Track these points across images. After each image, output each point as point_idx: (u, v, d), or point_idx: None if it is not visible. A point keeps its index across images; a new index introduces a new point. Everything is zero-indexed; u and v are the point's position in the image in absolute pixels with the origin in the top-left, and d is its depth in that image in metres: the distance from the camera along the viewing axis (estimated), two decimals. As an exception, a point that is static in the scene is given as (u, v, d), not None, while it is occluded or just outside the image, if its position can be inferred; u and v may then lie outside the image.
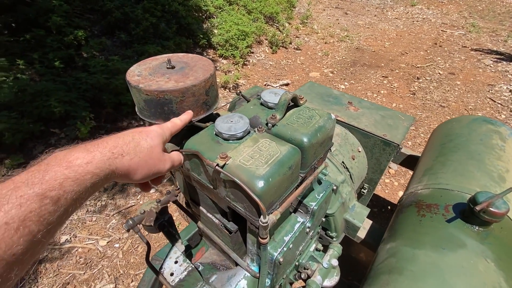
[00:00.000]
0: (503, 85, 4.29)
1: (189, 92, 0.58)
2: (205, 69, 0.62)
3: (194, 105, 0.60)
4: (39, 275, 1.70)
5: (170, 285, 0.63)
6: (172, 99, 0.57)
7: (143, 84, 0.56)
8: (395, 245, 0.85)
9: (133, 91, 0.58)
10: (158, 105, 0.57)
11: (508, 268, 0.73)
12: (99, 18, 3.81)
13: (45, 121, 2.48)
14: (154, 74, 0.60)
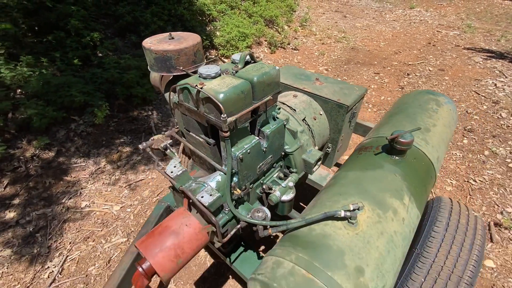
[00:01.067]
0: (489, 79, 4.51)
1: (182, 52, 0.89)
2: (194, 40, 0.94)
3: (186, 61, 0.91)
4: (64, 231, 2.02)
5: (169, 176, 0.94)
6: (171, 57, 0.88)
7: (154, 47, 0.88)
8: (336, 173, 1.14)
9: (147, 52, 0.90)
10: (162, 61, 0.89)
11: (411, 181, 1.01)
12: (112, 21, 4.21)
13: (67, 109, 2.84)
14: (160, 42, 0.92)
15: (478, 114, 3.54)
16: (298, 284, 0.70)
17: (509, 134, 3.14)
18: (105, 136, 2.86)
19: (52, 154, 2.55)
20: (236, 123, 0.81)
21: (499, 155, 2.82)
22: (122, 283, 1.15)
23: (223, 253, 1.25)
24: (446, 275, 0.99)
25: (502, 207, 2.24)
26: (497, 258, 1.87)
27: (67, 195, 2.26)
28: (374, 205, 0.89)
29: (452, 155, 2.84)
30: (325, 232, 0.81)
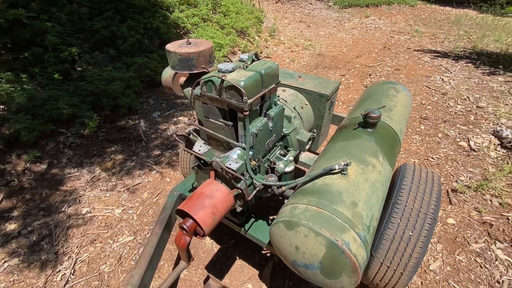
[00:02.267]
0: (437, 75, 5.21)
1: (201, 54, 1.12)
2: (208, 44, 1.17)
3: (203, 61, 1.14)
4: (69, 237, 2.07)
5: (197, 153, 1.13)
6: (193, 57, 1.11)
7: (178, 50, 1.10)
8: (326, 146, 1.42)
9: (171, 55, 1.11)
10: (185, 61, 1.11)
11: (382, 145, 1.31)
12: (88, 36, 4.25)
13: (54, 122, 2.86)
14: (181, 46, 1.14)
15: (430, 105, 4.11)
16: (313, 216, 0.94)
17: (457, 119, 3.71)
18: (96, 146, 2.92)
19: (44, 167, 2.56)
20: (251, 105, 1.05)
21: (450, 136, 3.34)
22: (152, 259, 1.31)
23: (237, 224, 1.45)
24: (415, 214, 1.29)
25: (457, 177, 2.68)
26: (456, 216, 2.26)
27: (66, 204, 2.30)
28: (358, 162, 1.17)
29: (413, 139, 3.30)
30: (325, 182, 1.07)
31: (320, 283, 1.02)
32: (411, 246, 1.25)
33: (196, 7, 6.11)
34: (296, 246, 0.97)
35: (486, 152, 3.00)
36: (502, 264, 1.88)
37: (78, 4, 4.20)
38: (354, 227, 0.93)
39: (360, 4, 12.23)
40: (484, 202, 2.38)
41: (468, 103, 4.13)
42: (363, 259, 0.92)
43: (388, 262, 1.31)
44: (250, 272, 1.87)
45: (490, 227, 2.15)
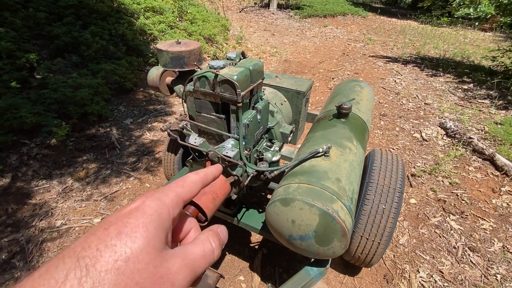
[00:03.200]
0: (390, 78, 5.81)
1: (192, 52, 1.20)
2: (197, 44, 1.25)
3: (194, 59, 1.22)
4: (44, 252, 1.94)
5: (194, 145, 1.20)
6: (184, 55, 1.18)
7: (170, 49, 1.16)
8: (307, 136, 1.57)
9: (163, 53, 1.18)
10: (177, 59, 1.18)
11: (355, 132, 1.50)
12: (47, 42, 4.01)
13: (15, 132, 2.65)
14: (171, 46, 1.21)
15: (387, 103, 4.58)
16: (305, 191, 1.06)
17: (410, 115, 4.19)
18: (65, 156, 2.76)
19: (7, 180, 2.36)
20: (243, 98, 1.15)
21: (405, 129, 3.76)
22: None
23: (230, 214, 1.52)
24: (386, 189, 1.49)
25: (414, 163, 3.04)
26: (416, 196, 2.57)
27: (36, 217, 2.15)
28: (337, 146, 1.33)
29: (375, 133, 3.66)
30: (312, 164, 1.21)
31: (313, 253, 1.14)
32: (385, 217, 1.44)
33: (162, 14, 6.07)
34: (293, 220, 1.08)
35: (436, 141, 3.44)
36: (456, 233, 2.19)
37: (33, 8, 3.95)
38: (340, 198, 1.07)
39: (318, 14, 13.10)
40: (437, 183, 2.74)
41: (417, 100, 4.68)
42: (350, 224, 1.06)
43: (367, 234, 1.48)
44: (241, 264, 1.93)
45: (444, 203, 2.48)
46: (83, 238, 0.26)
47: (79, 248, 0.25)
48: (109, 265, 0.24)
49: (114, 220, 0.28)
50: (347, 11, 14.41)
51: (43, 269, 0.24)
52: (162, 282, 0.26)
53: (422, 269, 1.89)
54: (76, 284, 0.22)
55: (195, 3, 8.61)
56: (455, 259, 1.98)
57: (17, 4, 3.83)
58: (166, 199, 0.31)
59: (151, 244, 0.27)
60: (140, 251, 0.26)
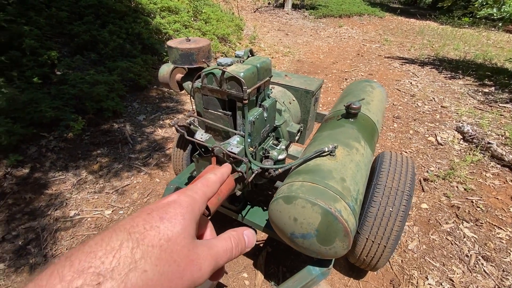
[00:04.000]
0: (406, 79, 5.66)
1: (200, 49, 1.22)
2: (206, 41, 1.27)
3: (203, 56, 1.24)
4: (57, 240, 2.03)
5: (200, 140, 1.22)
6: (193, 52, 1.20)
7: (180, 46, 1.19)
8: (314, 136, 1.56)
9: (173, 50, 1.20)
10: (186, 56, 1.20)
11: (363, 132, 1.48)
12: (68, 40, 4.17)
13: (35, 126, 2.78)
14: (181, 43, 1.23)
15: (401, 105, 4.47)
16: (308, 189, 1.06)
17: (425, 118, 4.06)
18: (80, 150, 2.86)
19: (26, 171, 2.48)
20: (249, 95, 1.16)
21: (420, 132, 3.65)
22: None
23: (234, 211, 1.54)
24: (394, 192, 1.45)
25: (427, 168, 2.95)
26: (428, 201, 2.49)
27: (52, 207, 2.24)
28: (344, 146, 1.31)
29: (388, 136, 3.57)
30: (317, 163, 1.20)
31: (315, 252, 1.13)
32: (392, 220, 1.41)
33: (177, 14, 6.18)
34: (295, 217, 1.07)
35: (451, 145, 3.32)
36: (469, 241, 2.11)
37: (56, 8, 4.12)
38: (344, 198, 1.05)
39: (334, 14, 12.93)
40: (451, 188, 2.64)
41: (434, 103, 4.53)
42: (353, 225, 1.04)
43: (372, 237, 1.45)
44: (245, 262, 1.94)
45: (457, 209, 2.39)
46: (130, 219, 0.29)
47: (128, 226, 0.28)
48: (155, 242, 0.28)
49: (155, 208, 0.31)
50: (363, 11, 14.14)
51: (98, 238, 0.27)
52: (193, 264, 0.30)
53: (431, 276, 1.83)
54: (129, 252, 0.26)
55: (210, 3, 8.71)
56: (467, 267, 1.91)
57: (42, 4, 4.01)
58: (196, 196, 0.36)
59: (186, 231, 0.31)
60: (179, 235, 0.30)
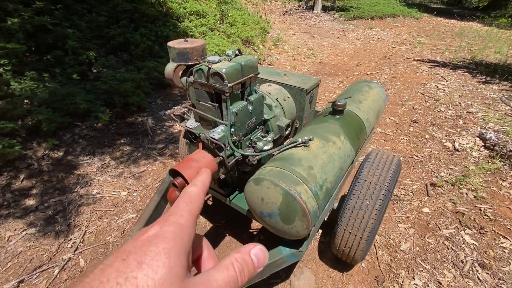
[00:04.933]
0: (433, 83, 5.41)
1: (195, 49, 1.40)
2: (201, 42, 1.45)
3: (196, 55, 1.42)
4: (80, 213, 2.34)
5: (189, 128, 1.39)
6: (188, 52, 1.39)
7: (177, 46, 1.38)
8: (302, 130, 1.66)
9: (171, 50, 1.40)
10: (182, 54, 1.39)
11: (345, 128, 1.55)
12: (104, 42, 4.67)
13: (71, 115, 3.20)
14: (179, 43, 1.43)
15: (422, 109, 4.30)
16: (274, 173, 1.18)
17: (446, 123, 3.89)
18: (107, 138, 3.23)
19: (60, 154, 2.88)
20: (232, 89, 1.31)
21: (436, 137, 3.52)
22: (149, 220, 1.56)
23: (223, 195, 1.70)
24: (373, 186, 1.51)
25: (437, 173, 2.86)
26: (431, 206, 2.44)
27: (78, 186, 2.59)
28: (321, 138, 1.41)
29: (401, 139, 3.50)
30: (290, 152, 1.31)
31: (281, 231, 1.24)
32: (368, 213, 1.47)
33: (205, 17, 6.54)
34: (262, 198, 1.20)
35: (469, 152, 3.17)
36: (468, 247, 2.05)
37: (96, 13, 4.64)
38: (307, 182, 1.16)
39: (365, 16, 12.58)
40: (459, 195, 2.54)
41: (459, 108, 4.30)
42: (313, 208, 1.14)
43: (350, 228, 1.52)
44: (238, 246, 2.09)
45: (462, 216, 2.31)
46: (99, 271, 0.24)
47: (96, 283, 0.23)
48: None
49: (133, 249, 0.26)
50: (398, 13, 13.56)
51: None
52: None
53: (418, 277, 1.82)
54: None
55: (238, 7, 9.02)
56: (459, 272, 1.86)
57: (84, 9, 4.55)
58: (182, 221, 0.30)
59: (173, 273, 0.25)
60: (163, 282, 0.24)
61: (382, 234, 2.17)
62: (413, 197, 2.55)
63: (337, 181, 1.36)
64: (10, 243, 2.05)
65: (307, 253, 2.03)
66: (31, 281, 1.83)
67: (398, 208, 2.42)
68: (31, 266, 1.91)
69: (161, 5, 5.95)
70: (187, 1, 6.75)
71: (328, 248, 2.03)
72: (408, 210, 2.41)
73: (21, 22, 3.57)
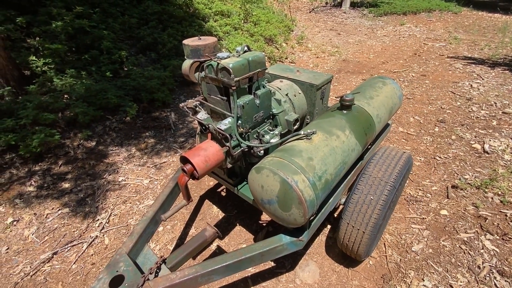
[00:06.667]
0: (466, 81, 5.06)
1: (206, 46, 1.50)
2: (213, 39, 1.55)
3: (208, 52, 1.52)
4: (107, 197, 2.58)
5: (200, 119, 1.50)
6: (201, 48, 1.49)
7: (191, 43, 1.49)
8: (307, 124, 1.70)
9: (186, 47, 1.51)
10: (195, 51, 1.50)
11: (352, 123, 1.56)
12: (135, 42, 5.00)
13: (103, 109, 3.50)
14: (193, 41, 1.54)
15: (451, 109, 4.06)
16: (274, 163, 1.24)
17: (477, 123, 3.64)
18: (134, 131, 3.48)
19: (93, 144, 3.17)
20: (239, 83, 1.40)
21: (464, 138, 3.32)
22: (163, 204, 1.70)
23: (232, 184, 1.79)
24: (378, 182, 1.50)
25: (461, 175, 2.71)
26: (450, 208, 2.33)
27: (107, 173, 2.84)
28: (324, 132, 1.44)
29: (424, 139, 3.35)
30: (292, 144, 1.36)
31: (280, 218, 1.30)
32: (371, 208, 1.47)
33: (229, 17, 6.70)
34: (262, 185, 1.27)
35: (500, 155, 2.95)
36: (487, 253, 1.94)
37: (129, 15, 4.98)
38: (305, 172, 1.21)
39: (397, 12, 11.99)
40: (484, 199, 2.40)
41: (493, 108, 4.00)
42: (309, 196, 1.19)
43: (353, 222, 1.53)
44: (247, 236, 2.18)
45: (484, 220, 2.18)
46: None
47: None
48: None
49: None
50: (434, 7, 12.74)
51: None
52: None
53: (428, 279, 1.78)
54: None
55: (262, 6, 9.09)
56: (474, 278, 1.78)
57: (118, 12, 4.90)
58: None
59: None
60: None
61: (393, 233, 2.13)
62: (431, 198, 2.45)
63: (339, 174, 1.39)
64: (48, 220, 2.32)
65: (314, 247, 2.06)
66: (63, 254, 2.07)
67: (413, 209, 2.35)
68: (64, 240, 2.16)
69: (188, 7, 6.21)
70: (212, 1, 6.96)
71: (335, 243, 2.04)
72: (425, 211, 2.32)
73: (63, 25, 3.96)
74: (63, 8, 4.25)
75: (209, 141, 1.48)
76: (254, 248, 1.38)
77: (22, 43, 3.84)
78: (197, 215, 2.41)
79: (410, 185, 2.62)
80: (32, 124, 2.90)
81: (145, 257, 1.53)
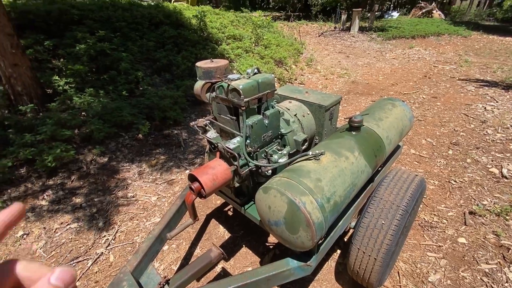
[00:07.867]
0: (479, 104, 4.99)
1: (217, 68, 1.56)
2: (224, 62, 1.62)
3: (219, 73, 1.58)
4: (116, 213, 2.59)
5: (209, 138, 1.53)
6: (212, 70, 1.55)
7: (203, 66, 1.56)
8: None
9: (199, 69, 1.58)
10: (207, 73, 1.56)
11: (361, 144, 1.55)
12: (151, 63, 5.24)
13: (117, 127, 3.62)
14: (205, 63, 1.61)
15: (465, 132, 3.98)
16: (282, 183, 1.23)
17: (493, 147, 3.53)
18: (145, 148, 3.56)
19: (105, 160, 3.25)
20: (249, 103, 1.43)
21: (480, 162, 3.20)
22: (169, 222, 1.69)
23: (239, 204, 1.77)
24: (389, 205, 1.46)
25: (479, 201, 2.59)
26: (469, 236, 2.21)
27: (117, 188, 2.88)
28: (333, 153, 1.43)
29: (437, 162, 3.25)
30: (300, 164, 1.35)
31: (287, 241, 1.27)
32: (383, 233, 1.41)
33: (241, 40, 6.98)
34: (269, 205, 1.25)
35: (520, 180, 2.82)
36: (512, 287, 1.80)
37: (147, 39, 5.27)
38: (313, 194, 1.19)
39: (405, 35, 12.20)
40: (505, 227, 2.27)
41: (510, 131, 3.89)
42: (317, 219, 1.16)
43: (364, 248, 1.47)
44: (253, 258, 2.11)
45: (507, 251, 2.05)
46: None
47: None
48: None
49: None
50: (443, 31, 12.90)
51: None
52: None
53: (447, 313, 1.65)
54: None
55: (273, 30, 9.46)
56: (499, 314, 1.64)
57: (137, 36, 5.21)
58: None
59: None
60: None
61: (407, 261, 2.02)
62: (448, 224, 2.33)
63: (348, 196, 1.36)
64: (56, 234, 2.34)
65: (322, 273, 1.97)
66: (69, 270, 2.05)
67: (428, 236, 2.24)
68: (70, 256, 2.16)
69: (202, 31, 6.53)
70: (226, 26, 7.30)
71: (345, 270, 1.95)
72: (441, 238, 2.21)
73: (86, 47, 4.22)
74: (87, 32, 4.55)
75: (217, 159, 1.49)
76: (260, 272, 1.33)
77: (47, 63, 4.10)
78: (203, 234, 2.37)
79: (424, 210, 2.52)
80: (50, 139, 3.01)
81: (148, 277, 1.50)
